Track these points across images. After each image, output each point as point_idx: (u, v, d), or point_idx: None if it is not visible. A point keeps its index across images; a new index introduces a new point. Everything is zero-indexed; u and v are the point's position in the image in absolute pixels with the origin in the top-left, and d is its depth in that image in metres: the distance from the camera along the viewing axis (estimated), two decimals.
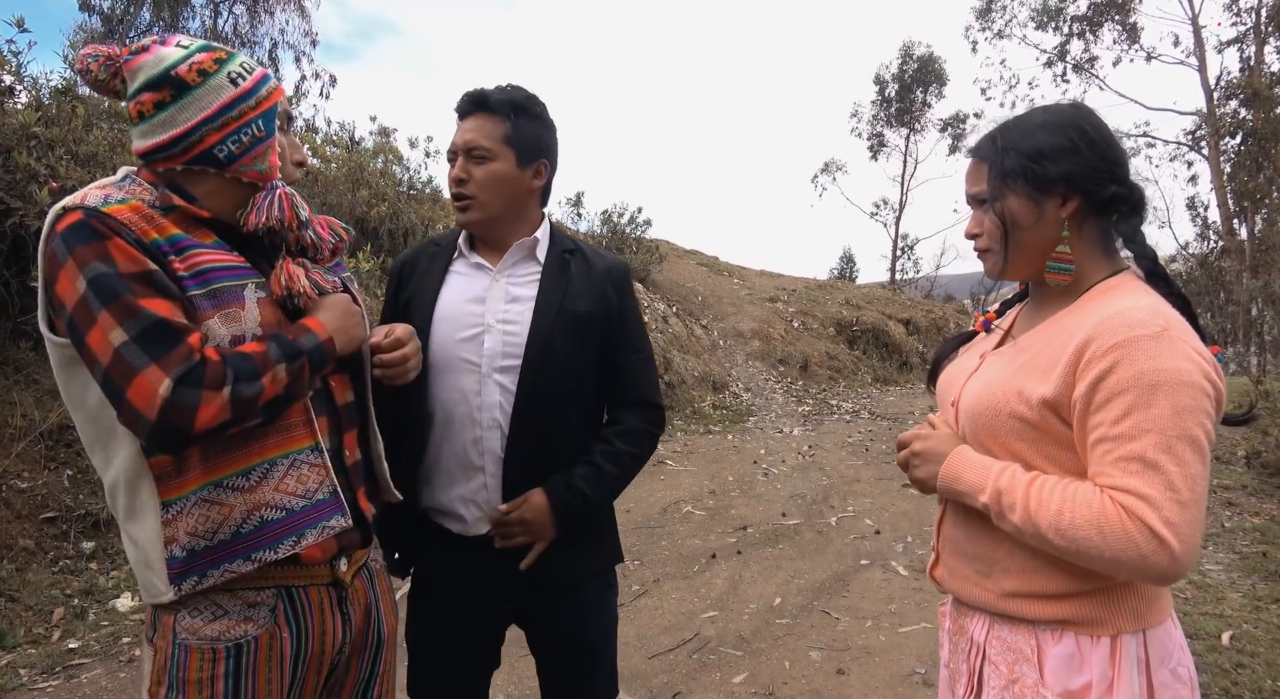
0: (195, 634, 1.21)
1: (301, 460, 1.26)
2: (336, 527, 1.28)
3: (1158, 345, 1.05)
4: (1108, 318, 1.10)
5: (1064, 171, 1.18)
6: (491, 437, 1.61)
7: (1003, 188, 1.22)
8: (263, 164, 1.29)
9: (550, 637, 1.72)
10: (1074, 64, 24.41)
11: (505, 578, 1.64)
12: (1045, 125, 1.21)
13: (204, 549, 1.18)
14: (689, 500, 6.05)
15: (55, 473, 4.47)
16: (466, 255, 1.71)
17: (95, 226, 1.12)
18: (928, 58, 29.78)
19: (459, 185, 1.63)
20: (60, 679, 3.18)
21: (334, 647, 1.34)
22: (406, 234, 8.47)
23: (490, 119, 1.63)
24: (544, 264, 1.70)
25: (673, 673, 3.28)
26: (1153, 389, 1.04)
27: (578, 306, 1.66)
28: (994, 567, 1.21)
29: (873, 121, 30.98)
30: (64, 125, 5.13)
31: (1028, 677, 1.14)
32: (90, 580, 4.00)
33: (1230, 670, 3.13)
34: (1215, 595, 3.98)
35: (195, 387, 1.09)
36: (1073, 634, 1.13)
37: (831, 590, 4.22)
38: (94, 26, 13.73)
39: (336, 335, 1.30)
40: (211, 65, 1.25)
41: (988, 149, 1.25)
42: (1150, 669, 1.12)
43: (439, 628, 1.70)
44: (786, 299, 15.66)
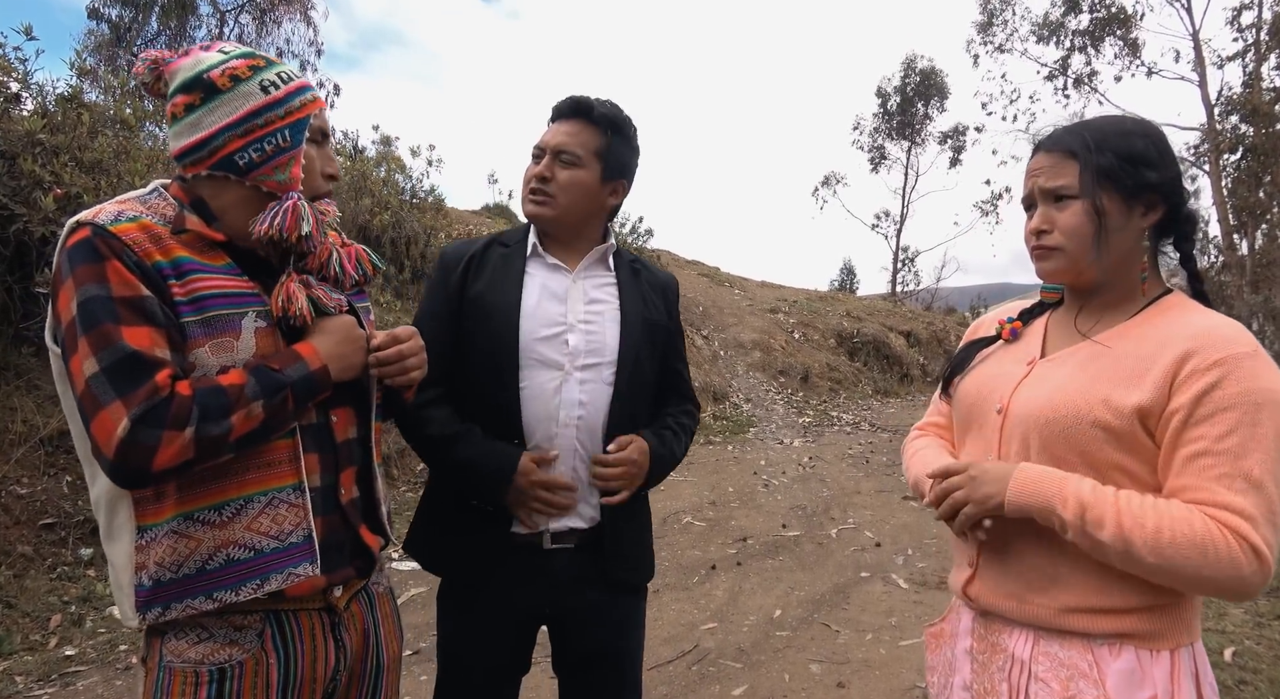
0: (179, 656, 1.18)
1: (280, 499, 1.22)
2: (303, 575, 1.21)
3: (1256, 364, 1.06)
4: (1206, 331, 1.10)
5: (1159, 180, 1.17)
6: (566, 432, 1.63)
7: (1096, 186, 1.18)
8: (283, 174, 1.25)
9: (587, 644, 1.70)
10: (1075, 78, 24.52)
11: (554, 570, 1.64)
12: (1138, 133, 1.19)
13: (169, 581, 1.14)
14: (689, 511, 6.03)
15: (54, 479, 4.46)
16: (541, 255, 1.72)
17: (98, 246, 1.11)
18: (929, 71, 29.94)
19: (542, 182, 1.66)
20: (56, 687, 3.17)
21: (326, 674, 1.29)
22: (409, 243, 8.49)
23: (587, 128, 1.68)
24: (616, 272, 1.76)
25: (672, 685, 3.26)
26: (1258, 408, 1.05)
27: (652, 316, 1.76)
28: (1054, 582, 1.18)
29: (874, 134, 31.12)
30: (69, 132, 5.15)
31: (1087, 693, 1.11)
32: (88, 587, 3.98)
33: (1233, 687, 3.11)
34: (1218, 611, 3.96)
35: (156, 426, 1.06)
36: (1132, 648, 1.11)
37: (832, 603, 4.21)
38: (103, 34, 13.83)
39: (332, 363, 1.25)
40: (246, 72, 1.24)
41: (1076, 144, 1.20)
42: (1199, 682, 1.12)
43: (477, 631, 1.67)
44: (787, 310, 15.67)
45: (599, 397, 1.65)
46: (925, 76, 29.92)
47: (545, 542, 1.63)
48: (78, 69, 6.22)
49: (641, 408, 1.75)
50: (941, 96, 30.15)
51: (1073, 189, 1.19)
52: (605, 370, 1.65)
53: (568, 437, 1.63)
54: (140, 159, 5.59)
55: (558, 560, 1.64)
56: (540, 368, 1.62)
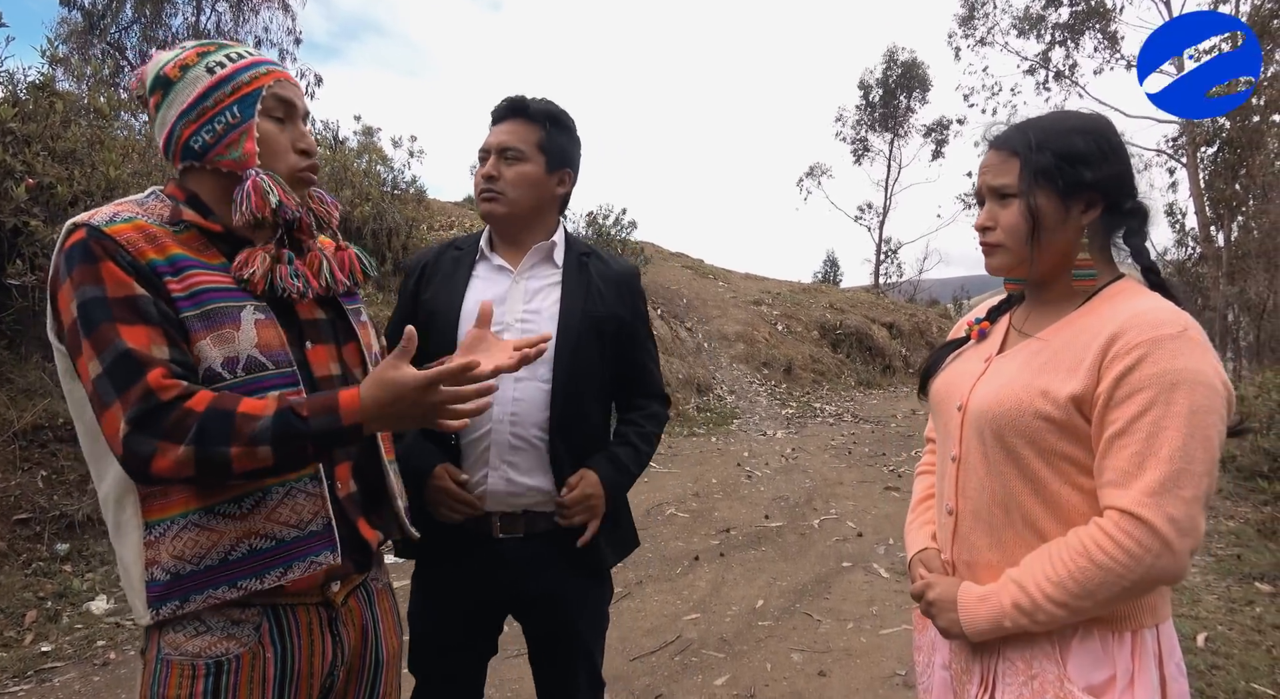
0: (177, 649, 1.18)
1: (298, 489, 1.22)
2: (324, 562, 1.23)
3: (1179, 345, 1.08)
4: (1133, 316, 1.13)
5: (1096, 178, 1.20)
6: (499, 429, 1.67)
7: (1034, 186, 1.21)
8: (237, 151, 1.23)
9: (547, 626, 1.78)
10: (1056, 72, 24.70)
11: (508, 560, 1.71)
12: (1080, 130, 1.22)
13: (189, 574, 1.15)
14: (672, 503, 6.05)
15: (29, 474, 4.40)
16: (489, 257, 1.79)
17: (92, 248, 1.13)
18: (911, 63, 30.03)
19: (489, 181, 1.72)
20: (32, 683, 3.13)
21: (324, 668, 1.29)
22: (390, 234, 8.43)
23: (526, 125, 1.74)
24: (563, 267, 1.79)
25: (655, 675, 3.27)
26: (1173, 388, 1.07)
27: (598, 309, 1.76)
28: None
29: (857, 126, 31.20)
30: (41, 121, 5.06)
31: (1049, 672, 1.15)
32: (64, 583, 3.94)
33: (1205, 672, 3.17)
34: (1191, 597, 4.03)
35: (151, 435, 1.07)
36: (1096, 630, 1.15)
37: (813, 593, 4.23)
38: (76, 21, 13.58)
39: (372, 424, 1.16)
40: (194, 59, 1.24)
41: (1019, 143, 1.23)
42: (1162, 663, 1.15)
43: (439, 615, 1.76)
44: (771, 302, 15.72)
45: (534, 394, 1.68)
46: (907, 69, 30.01)
47: (494, 530, 1.70)
48: (50, 57, 6.10)
49: (591, 404, 1.77)
50: (923, 89, 30.25)
51: (1013, 188, 1.23)
52: (540, 368, 1.68)
53: (500, 433, 1.67)
54: (115, 149, 5.50)
55: (509, 548, 1.70)
56: None
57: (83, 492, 4.45)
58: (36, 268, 4.74)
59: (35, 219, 4.69)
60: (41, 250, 4.73)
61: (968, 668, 1.28)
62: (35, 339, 5.09)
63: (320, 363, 1.32)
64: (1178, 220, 24.70)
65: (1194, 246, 23.80)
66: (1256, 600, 3.98)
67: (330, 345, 1.36)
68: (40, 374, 4.87)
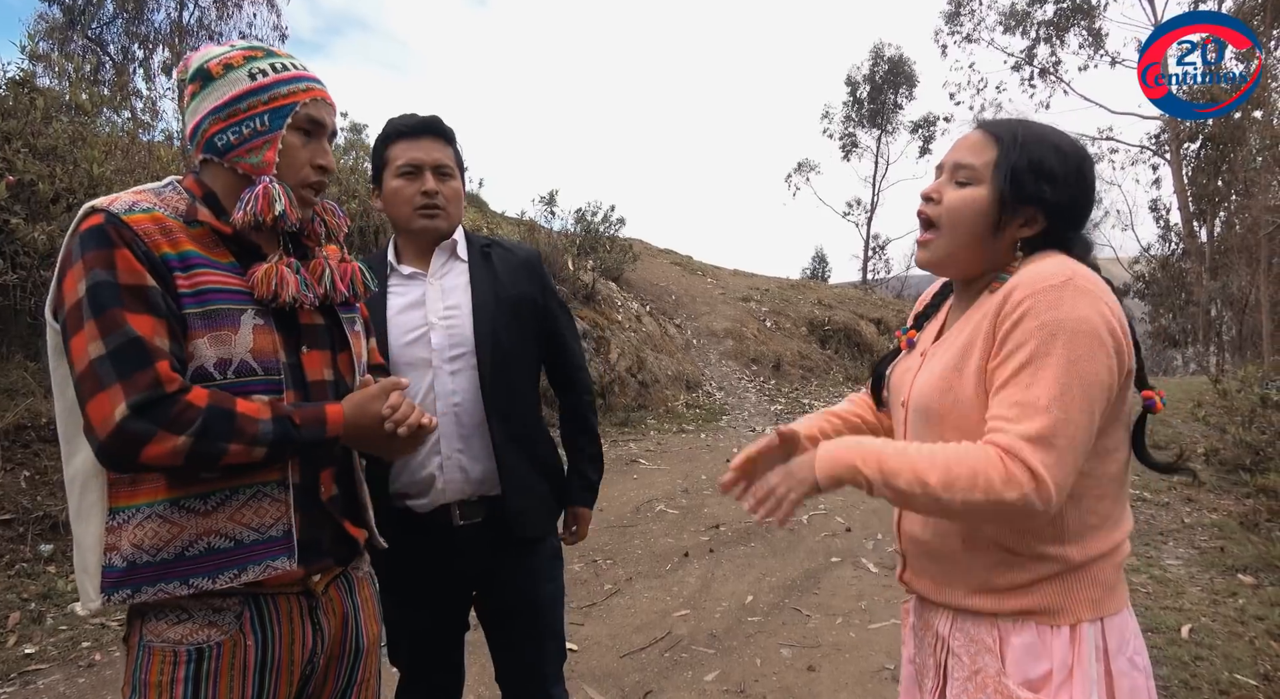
0: (159, 636, 1.20)
1: (264, 493, 1.25)
2: (280, 567, 1.24)
3: (1060, 294, 1.08)
4: (1023, 275, 1.14)
5: (1051, 200, 1.19)
6: (445, 420, 1.78)
7: (996, 178, 1.20)
8: (256, 157, 1.28)
9: (506, 598, 1.89)
10: (1041, 68, 24.83)
11: (463, 548, 1.83)
12: (1058, 149, 1.21)
13: (145, 564, 1.17)
14: (662, 499, 6.06)
15: (12, 474, 4.35)
16: (398, 268, 1.87)
17: (109, 233, 1.15)
18: (898, 59, 30.11)
19: (432, 198, 1.81)
20: (16, 686, 3.10)
21: (304, 656, 1.31)
22: (377, 232, 8.38)
23: (442, 143, 1.86)
24: (468, 260, 1.90)
25: (645, 671, 3.27)
26: (1052, 337, 1.07)
27: (509, 292, 1.88)
28: (956, 565, 1.23)
29: (844, 122, 31.25)
30: (22, 117, 5.01)
31: (989, 667, 1.16)
32: (48, 584, 3.90)
33: (1189, 663, 3.20)
34: (1175, 590, 4.07)
35: (153, 422, 1.10)
36: (1033, 624, 1.15)
37: (803, 588, 4.25)
38: (55, 17, 13.40)
39: (347, 433, 1.28)
40: (240, 61, 1.29)
41: (1005, 132, 1.23)
42: (1109, 656, 1.15)
43: (407, 601, 1.85)
44: (760, 299, 15.75)
45: (470, 383, 1.81)
46: (894, 65, 30.08)
47: (455, 519, 1.81)
48: (29, 53, 6.02)
49: (523, 383, 1.90)
50: (910, 85, 30.34)
51: (978, 171, 1.22)
52: (471, 358, 1.81)
53: (447, 423, 1.79)
54: (97, 145, 5.44)
55: (467, 533, 1.82)
56: (410, 370, 1.79)
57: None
58: (18, 266, 4.68)
59: (16, 217, 4.64)
60: (22, 248, 4.67)
61: (925, 663, 1.29)
62: (17, 338, 5.03)
63: (314, 368, 1.36)
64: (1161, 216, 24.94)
65: (1177, 242, 24.02)
66: (1239, 592, 4.03)
67: (325, 352, 1.39)
68: (23, 373, 4.82)
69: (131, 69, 13.40)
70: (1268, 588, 4.08)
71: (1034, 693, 1.11)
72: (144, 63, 14.29)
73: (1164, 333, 23.91)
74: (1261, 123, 16.52)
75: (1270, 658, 3.25)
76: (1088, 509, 1.14)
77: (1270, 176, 17.05)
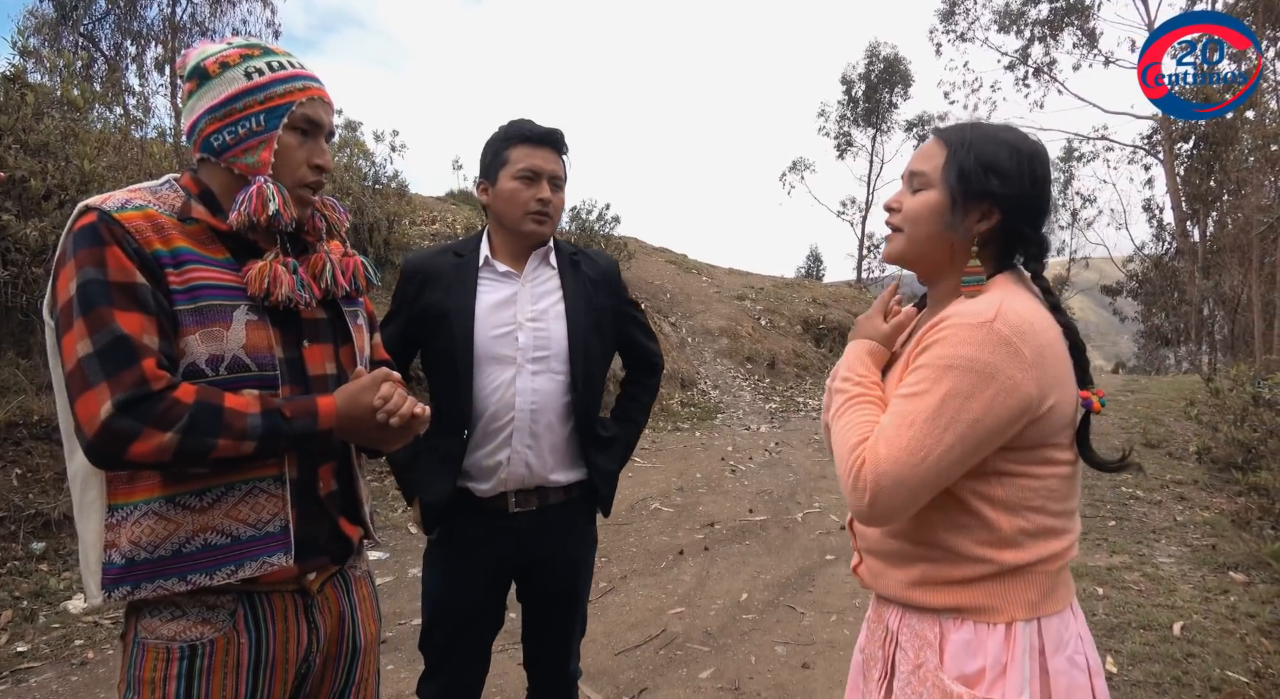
0: (153, 633, 1.21)
1: (260, 489, 1.25)
2: (276, 564, 1.24)
3: (971, 334, 1.12)
4: (956, 308, 1.18)
5: (1001, 193, 1.22)
6: (521, 417, 1.87)
7: (946, 179, 1.25)
8: (252, 158, 1.27)
9: (548, 585, 1.99)
10: (1035, 68, 24.90)
11: (514, 533, 1.90)
12: (1009, 146, 1.24)
13: (143, 561, 1.17)
14: (657, 497, 6.06)
15: (3, 472, 4.33)
16: (493, 264, 1.94)
17: (101, 232, 1.16)
18: (893, 59, 30.15)
19: (545, 206, 1.91)
20: (8, 683, 3.09)
21: (299, 654, 1.31)
22: (372, 229, 8.36)
23: (559, 155, 1.95)
24: (558, 268, 1.99)
25: (639, 669, 3.28)
26: (947, 369, 1.12)
27: (595, 303, 2.00)
28: (899, 558, 1.26)
29: (840, 121, 31.31)
30: (13, 113, 4.97)
31: (929, 661, 1.19)
32: (41, 582, 3.88)
33: (1181, 660, 3.22)
34: (1167, 587, 4.09)
35: (139, 419, 1.10)
36: (971, 622, 1.18)
37: (797, 586, 4.26)
38: (46, 13, 13.32)
39: (341, 425, 1.27)
40: (236, 60, 1.28)
41: (954, 138, 1.27)
42: (1045, 655, 1.17)
43: (455, 577, 1.93)
44: (754, 297, 15.76)
45: (550, 385, 1.90)
46: (889, 64, 30.13)
47: (509, 506, 1.89)
48: (20, 48, 5.98)
49: (594, 391, 1.99)
50: (905, 84, 30.39)
51: (930, 177, 1.27)
52: (554, 362, 1.90)
53: (522, 421, 1.87)
54: (89, 142, 5.41)
55: (522, 520, 1.91)
56: (494, 364, 1.87)
57: (59, 490, 4.39)
58: (9, 263, 4.65)
59: (8, 214, 4.61)
60: (14, 245, 4.64)
61: (874, 654, 1.33)
62: (9, 335, 5.01)
63: (316, 362, 1.35)
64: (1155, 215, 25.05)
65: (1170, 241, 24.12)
66: (1231, 590, 4.05)
67: (328, 345, 1.39)
68: (14, 371, 4.79)
69: (124, 65, 13.32)
70: (1259, 585, 4.10)
71: (969, 688, 1.15)
72: (137, 59, 14.22)
73: (1157, 332, 24.02)
74: (1254, 123, 16.59)
75: (1261, 655, 3.27)
76: (1024, 517, 1.17)
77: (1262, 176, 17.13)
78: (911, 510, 1.15)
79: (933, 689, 1.17)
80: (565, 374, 1.91)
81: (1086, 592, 4.00)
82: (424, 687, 1.99)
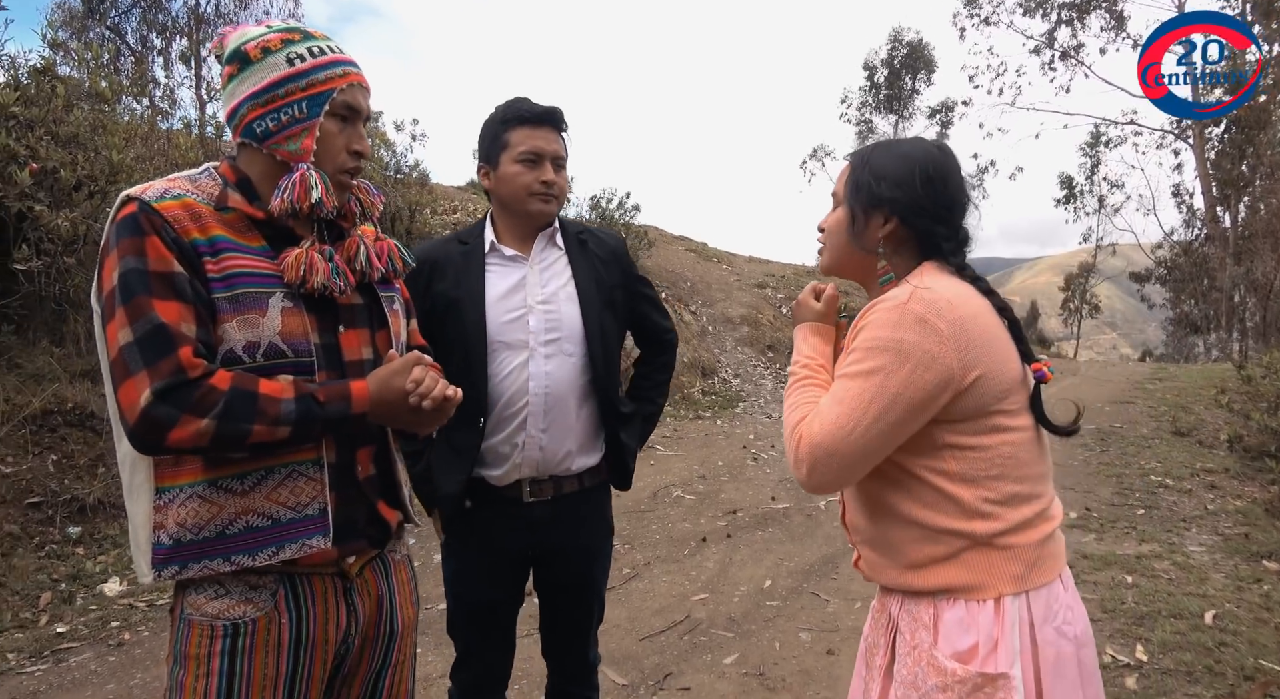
0: (198, 610, 1.24)
1: (299, 472, 1.27)
2: (315, 546, 1.27)
3: (890, 315, 1.21)
4: (881, 298, 1.26)
5: (891, 198, 1.32)
6: (535, 401, 1.85)
7: (846, 194, 1.37)
8: (295, 145, 1.29)
9: (564, 573, 1.99)
10: (1061, 52, 24.46)
11: (529, 522, 1.90)
12: (902, 155, 1.34)
13: (189, 542, 1.21)
14: (679, 485, 6.07)
15: (40, 457, 4.42)
16: (499, 249, 1.92)
17: (141, 222, 1.18)
18: (917, 44, 29.75)
19: (550, 188, 1.88)
20: (49, 663, 3.16)
21: (338, 636, 1.34)
22: (394, 219, 8.41)
23: (559, 134, 1.92)
24: (566, 249, 1.97)
25: (664, 654, 3.29)
26: (868, 351, 1.21)
27: (605, 282, 1.98)
28: (888, 546, 1.31)
29: (861, 108, 30.96)
30: (44, 105, 5.04)
31: (924, 641, 1.24)
32: (77, 565, 3.97)
33: (1213, 649, 3.18)
34: (1199, 576, 4.03)
35: (176, 406, 1.13)
36: (963, 601, 1.22)
37: (820, 573, 4.25)
38: (73, 6, 13.48)
39: (374, 409, 1.28)
40: (277, 44, 1.29)
41: (857, 158, 1.39)
42: (1034, 627, 1.21)
43: (473, 570, 1.93)
44: (775, 285, 15.68)
45: (564, 368, 1.88)
46: (912, 49, 29.73)
47: (524, 495, 1.88)
48: (50, 41, 6.06)
49: (611, 369, 1.97)
50: (929, 70, 29.99)
51: (839, 195, 1.41)
52: (567, 344, 1.89)
53: (536, 405, 1.85)
54: (117, 133, 5.48)
55: (536, 510, 1.90)
56: (506, 349, 1.86)
57: (93, 475, 4.48)
58: (42, 253, 4.73)
59: (40, 204, 4.68)
60: (46, 236, 4.72)
61: (876, 640, 1.37)
62: (43, 324, 5.10)
63: (352, 347, 1.37)
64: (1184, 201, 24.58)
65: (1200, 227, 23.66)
66: (1264, 578, 3.99)
67: (364, 330, 1.41)
68: (49, 359, 4.88)
69: (150, 58, 13.46)
70: None
71: (963, 664, 1.19)
72: (162, 52, 14.36)
73: (1185, 319, 23.61)
74: None
75: None
76: (985, 487, 1.22)
77: None
78: (848, 480, 1.24)
79: (927, 667, 1.22)
80: (579, 355, 1.89)
81: (1115, 580, 3.96)
82: (457, 674, 2.02)
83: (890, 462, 1.26)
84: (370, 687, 1.43)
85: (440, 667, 3.03)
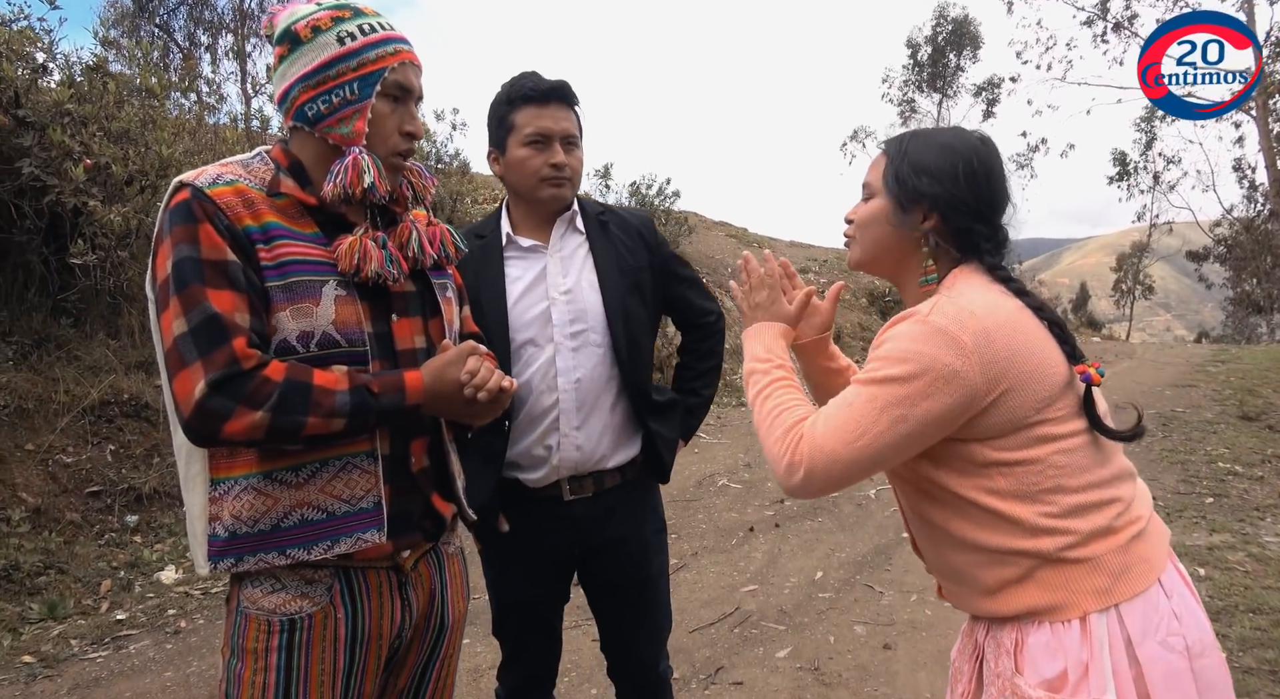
0: (255, 604, 1.23)
1: (354, 464, 1.25)
2: (370, 540, 1.24)
3: (909, 329, 1.15)
4: (904, 312, 1.22)
5: (932, 192, 1.25)
6: (566, 396, 1.76)
7: (884, 186, 1.30)
8: (347, 128, 1.25)
9: (615, 572, 1.88)
10: (1115, 23, 23.57)
11: (571, 521, 1.81)
12: (943, 146, 1.27)
13: (244, 535, 1.19)
14: (724, 473, 6.00)
15: (99, 447, 4.53)
16: (516, 240, 1.82)
17: (194, 209, 1.16)
18: (962, 20, 28.96)
19: (560, 170, 1.76)
20: (109, 650, 3.23)
21: (392, 630, 1.33)
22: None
23: (570, 111, 1.79)
24: (586, 232, 1.85)
25: (715, 647, 3.24)
26: (886, 361, 1.16)
27: (630, 264, 1.85)
28: (960, 573, 1.25)
29: (904, 86, 30.29)
30: (96, 102, 5.12)
31: (1007, 669, 1.16)
32: (135, 553, 4.05)
33: None
34: (1277, 568, 3.85)
35: (231, 398, 1.11)
36: (1048, 623, 1.14)
37: (874, 564, 4.15)
38: (125, 5, 13.78)
39: (429, 400, 1.26)
40: (327, 23, 1.25)
41: (894, 148, 1.32)
42: (1133, 645, 1.11)
43: (514, 575, 1.85)
44: (818, 270, 15.45)
45: (592, 358, 1.78)
46: (957, 26, 28.94)
47: (564, 494, 1.79)
48: (102, 39, 6.17)
49: (648, 353, 1.88)
50: (974, 46, 29.17)
51: (875, 186, 1.33)
52: (593, 334, 1.78)
53: (567, 402, 1.76)
54: (167, 128, 5.56)
55: (577, 507, 1.81)
56: (530, 345, 1.76)
57: (149, 465, 4.57)
58: (97, 247, 4.82)
59: (94, 199, 4.77)
60: (100, 231, 4.81)
61: (961, 667, 1.31)
62: (99, 317, 5.21)
63: (405, 336, 1.34)
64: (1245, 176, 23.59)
65: (1263, 203, 22.70)
66: None
67: (417, 319, 1.37)
68: (105, 351, 4.99)
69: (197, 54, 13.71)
70: None
71: (1052, 693, 1.10)
72: (209, 48, 14.61)
73: (1247, 298, 22.72)
74: None
75: None
76: (1043, 502, 1.14)
77: None
78: (837, 488, 1.18)
79: (1011, 697, 1.14)
80: (606, 346, 1.78)
81: (1187, 572, 3.79)
82: (504, 676, 1.97)
83: (939, 486, 1.20)
84: (417, 679, 1.42)
85: (489, 658, 3.02)
